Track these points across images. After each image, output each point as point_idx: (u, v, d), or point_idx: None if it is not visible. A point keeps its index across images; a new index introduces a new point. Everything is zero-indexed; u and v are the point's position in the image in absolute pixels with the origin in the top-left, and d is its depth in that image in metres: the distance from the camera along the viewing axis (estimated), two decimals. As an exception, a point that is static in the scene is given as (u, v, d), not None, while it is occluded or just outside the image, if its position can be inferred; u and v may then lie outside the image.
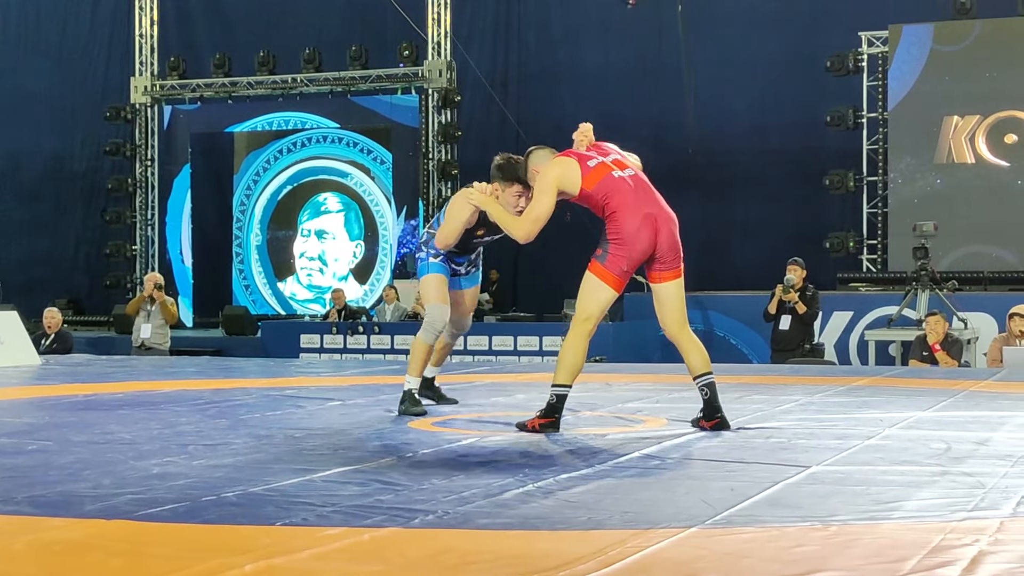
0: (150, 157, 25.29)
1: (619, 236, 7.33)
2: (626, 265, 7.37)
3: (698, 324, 18.29)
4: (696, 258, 21.76)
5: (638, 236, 7.36)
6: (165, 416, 8.17)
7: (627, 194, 7.46)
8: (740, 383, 10.55)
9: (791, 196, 21.86)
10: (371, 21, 24.08)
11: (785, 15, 22.07)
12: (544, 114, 23.50)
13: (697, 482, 5.55)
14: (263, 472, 5.75)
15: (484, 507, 4.96)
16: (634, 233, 7.35)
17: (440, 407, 8.51)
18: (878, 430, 7.26)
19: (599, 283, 7.38)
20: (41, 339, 15.78)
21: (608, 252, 7.34)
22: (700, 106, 21.43)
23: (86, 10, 26.53)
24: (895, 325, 16.26)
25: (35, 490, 5.25)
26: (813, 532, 4.51)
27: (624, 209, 7.39)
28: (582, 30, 23.44)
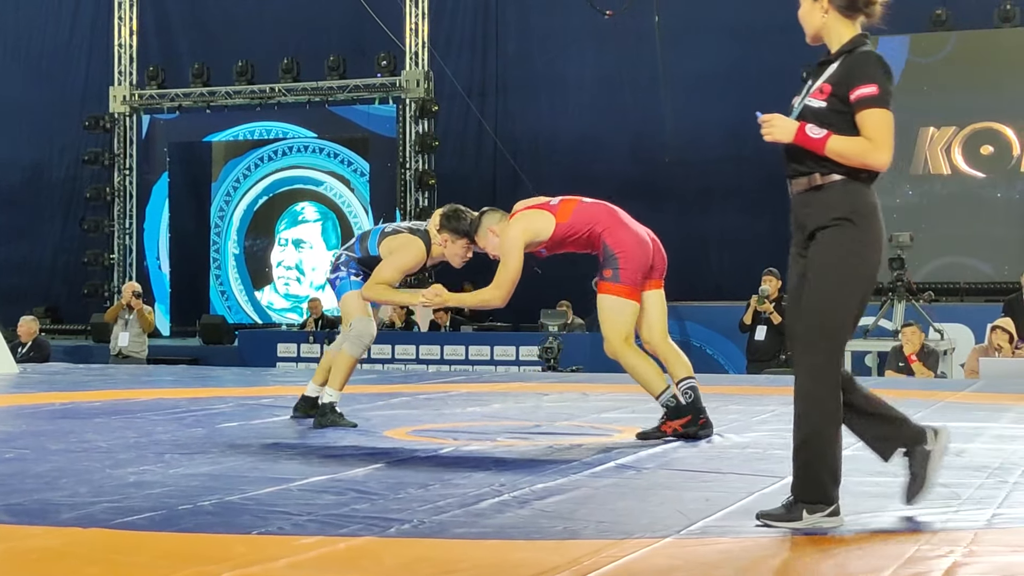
0: (128, 166, 25.25)
1: (623, 251, 7.38)
2: (639, 276, 7.42)
3: (675, 334, 18.18)
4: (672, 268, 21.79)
5: (640, 248, 7.45)
6: (142, 425, 8.17)
7: (609, 214, 7.54)
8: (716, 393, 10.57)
9: (767, 206, 21.87)
10: (349, 31, 24.09)
11: (761, 25, 22.11)
12: (521, 124, 23.56)
13: (672, 492, 5.57)
14: (240, 481, 5.76)
15: (460, 516, 4.98)
16: (636, 246, 7.43)
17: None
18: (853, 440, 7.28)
19: (622, 301, 7.40)
20: (18, 347, 15.74)
21: (619, 268, 7.36)
22: (677, 116, 21.47)
23: (66, 19, 26.48)
24: (871, 336, 16.29)
25: (12, 498, 5.25)
26: (788, 543, 4.54)
27: (615, 226, 7.46)
28: (560, 40, 23.47)
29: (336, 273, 8.17)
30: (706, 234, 22.14)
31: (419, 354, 17.86)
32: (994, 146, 20.09)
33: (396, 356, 17.93)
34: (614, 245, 7.39)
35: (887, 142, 4.73)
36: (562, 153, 23.11)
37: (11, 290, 24.28)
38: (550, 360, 15.76)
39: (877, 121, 4.73)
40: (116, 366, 15.70)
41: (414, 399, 10.22)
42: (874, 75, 4.77)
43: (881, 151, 4.73)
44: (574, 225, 7.45)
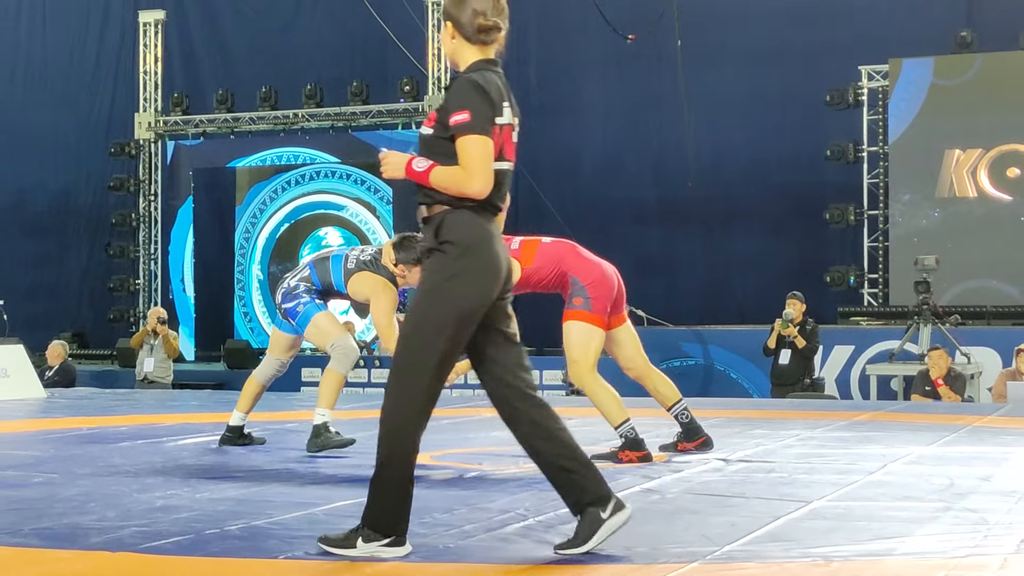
0: (153, 192, 25.34)
1: (591, 282, 7.54)
2: (608, 306, 7.56)
3: (698, 358, 18.31)
4: (696, 292, 22.02)
5: (607, 281, 7.59)
6: (168, 449, 8.20)
7: (572, 251, 7.69)
8: (740, 417, 10.57)
9: (791, 230, 21.87)
10: (372, 57, 24.16)
11: (785, 49, 22.13)
12: (544, 149, 23.54)
13: (698, 516, 5.57)
14: (266, 505, 5.78)
15: (485, 541, 4.98)
16: (603, 278, 7.58)
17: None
18: (880, 465, 7.27)
19: (591, 328, 7.51)
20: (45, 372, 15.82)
21: (589, 298, 7.50)
22: (700, 140, 21.47)
23: (91, 47, 26.63)
24: (897, 359, 16.25)
25: (41, 522, 5.28)
26: (814, 568, 4.53)
27: (580, 262, 7.61)
28: (582, 65, 23.50)
29: (296, 300, 8.04)
30: (729, 258, 22.10)
31: (443, 379, 17.84)
32: (1020, 168, 19.99)
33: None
34: (583, 278, 7.55)
35: (478, 169, 4.60)
36: (584, 178, 23.13)
37: (39, 315, 24.36)
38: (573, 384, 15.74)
39: (469, 148, 4.61)
40: (142, 391, 15.75)
41: (438, 423, 10.20)
42: (467, 101, 4.62)
43: (473, 179, 4.60)
44: (540, 269, 7.55)
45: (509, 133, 4.78)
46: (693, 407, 11.17)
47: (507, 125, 4.75)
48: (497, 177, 4.70)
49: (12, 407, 11.92)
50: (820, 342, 15.74)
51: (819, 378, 16.05)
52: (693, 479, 6.75)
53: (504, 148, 4.75)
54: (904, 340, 16.35)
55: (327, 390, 8.02)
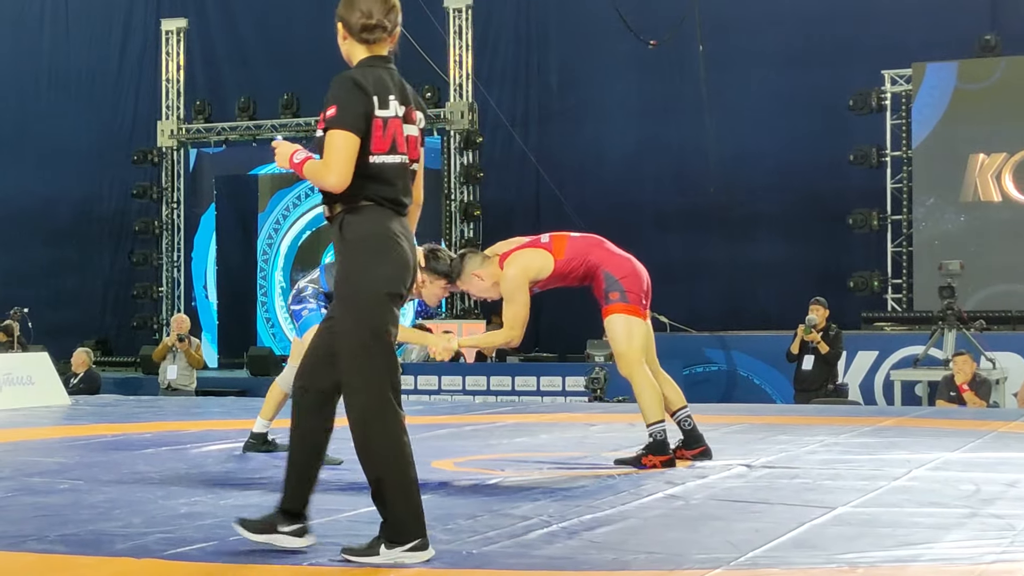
0: (176, 199, 25.40)
1: (624, 275, 7.52)
2: (644, 298, 7.55)
3: (721, 364, 18.28)
4: (718, 298, 21.99)
5: (638, 274, 7.57)
6: (192, 456, 8.22)
7: (600, 245, 7.65)
8: (764, 423, 10.54)
9: (814, 235, 21.81)
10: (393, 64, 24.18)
11: (807, 54, 22.08)
12: (566, 154, 23.55)
13: (722, 523, 5.55)
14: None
15: (509, 547, 4.97)
16: (634, 272, 7.56)
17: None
18: (905, 471, 7.25)
19: (631, 319, 7.50)
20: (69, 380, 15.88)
21: (624, 291, 7.47)
22: (722, 145, 21.44)
23: (114, 56, 26.71)
24: (921, 365, 16.19)
25: (66, 529, 5.29)
26: (839, 574, 4.51)
27: (610, 256, 7.60)
28: (603, 70, 23.49)
29: (303, 304, 8.03)
30: (752, 263, 22.05)
31: (465, 385, 17.86)
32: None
33: (442, 387, 17.95)
34: (615, 271, 7.52)
35: (334, 163, 4.68)
36: (607, 183, 23.10)
37: (62, 323, 24.42)
38: (597, 390, 15.73)
39: (329, 142, 4.73)
40: (166, 398, 15.80)
41: (461, 430, 10.22)
42: (336, 97, 4.76)
43: (329, 172, 4.70)
44: (571, 260, 7.54)
45: (399, 126, 4.81)
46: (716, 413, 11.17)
47: (394, 118, 4.80)
48: (388, 171, 4.77)
49: (37, 414, 11.97)
50: (844, 347, 15.71)
51: (843, 384, 16.01)
52: (717, 485, 6.73)
53: (396, 142, 4.80)
54: (928, 345, 16.29)
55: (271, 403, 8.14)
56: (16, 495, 6.41)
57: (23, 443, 9.35)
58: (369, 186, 4.73)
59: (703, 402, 15.72)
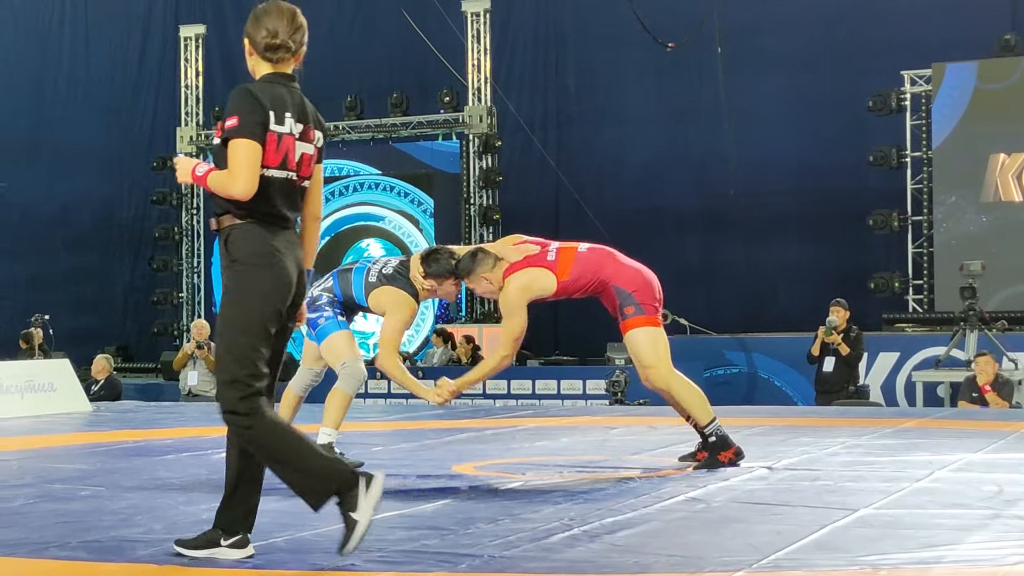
0: (195, 206, 25.47)
1: (636, 288, 7.53)
2: (657, 307, 7.57)
3: (742, 366, 18.24)
4: (739, 300, 21.95)
5: (649, 285, 7.58)
6: (214, 462, 8.22)
7: (610, 258, 7.65)
8: (785, 425, 10.52)
9: (834, 237, 21.77)
10: (412, 68, 24.21)
11: (826, 55, 22.04)
12: (585, 158, 23.55)
13: (743, 525, 5.54)
14: (311, 517, 5.76)
15: (530, 551, 4.97)
16: (645, 283, 7.56)
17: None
18: (927, 472, 7.22)
19: (652, 330, 7.53)
20: (91, 386, 15.91)
21: (638, 304, 7.50)
22: (742, 147, 21.40)
23: (133, 62, 26.79)
24: (943, 366, 16.13)
25: (89, 535, 5.30)
26: (854, 577, 4.50)
27: (621, 269, 7.61)
28: (621, 73, 23.48)
29: (319, 312, 7.99)
30: (772, 266, 22.01)
31: (486, 389, 17.84)
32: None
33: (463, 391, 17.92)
34: (626, 285, 7.53)
35: (240, 171, 4.76)
36: (626, 186, 23.09)
37: (83, 330, 24.50)
38: (617, 394, 15.71)
39: (233, 151, 4.79)
40: (187, 404, 15.83)
41: (481, 434, 10.22)
42: (236, 108, 4.84)
43: (236, 181, 4.76)
44: (579, 279, 7.55)
45: (291, 143, 4.90)
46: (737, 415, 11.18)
47: (288, 135, 4.89)
48: (273, 185, 4.85)
49: (59, 421, 12.00)
50: (865, 349, 15.66)
51: (864, 385, 15.95)
52: (738, 487, 6.72)
53: (287, 158, 4.89)
54: (950, 346, 16.23)
55: (333, 409, 7.94)
56: (38, 502, 6.43)
57: (45, 450, 9.38)
58: (255, 199, 4.82)
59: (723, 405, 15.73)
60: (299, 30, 5.03)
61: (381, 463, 7.99)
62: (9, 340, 19.63)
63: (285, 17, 5.00)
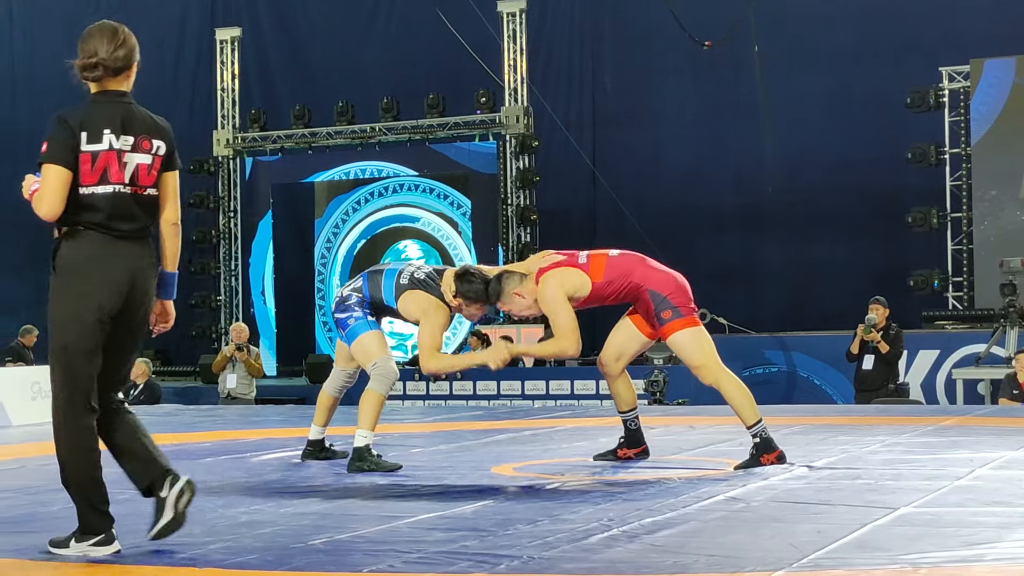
0: (233, 208, 25.56)
1: (671, 291, 7.49)
2: (692, 304, 7.55)
3: (780, 365, 18.19)
4: (778, 299, 21.88)
5: (684, 287, 7.57)
6: (252, 465, 8.25)
7: (642, 263, 7.63)
8: (824, 424, 10.47)
9: (873, 234, 21.69)
10: (448, 69, 24.24)
11: (864, 52, 21.96)
12: (622, 157, 23.54)
13: (783, 525, 5.51)
14: (349, 519, 5.79)
15: (569, 552, 4.95)
16: (679, 287, 7.54)
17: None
18: (968, 470, 7.17)
19: (693, 331, 7.51)
20: (130, 390, 15.98)
21: (675, 306, 7.48)
22: (779, 145, 21.35)
23: (169, 65, 26.91)
24: (983, 363, 16.04)
25: (127, 539, 5.31)
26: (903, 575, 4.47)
27: (653, 273, 7.59)
28: (658, 72, 23.45)
29: (348, 312, 7.94)
30: (811, 264, 21.95)
31: (524, 390, 17.86)
32: (1105, 168, 19.68)
33: (501, 392, 17.95)
34: (660, 288, 7.51)
35: (44, 194, 4.92)
36: (663, 185, 23.06)
37: (122, 333, 24.61)
38: (656, 393, 15.68)
39: (42, 176, 4.95)
40: (225, 407, 15.87)
41: (520, 435, 10.22)
42: (48, 133, 4.99)
43: (40, 204, 4.93)
44: (611, 283, 7.53)
45: (113, 158, 5.01)
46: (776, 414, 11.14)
47: (107, 151, 5.00)
48: (98, 201, 4.99)
49: (98, 424, 12.04)
50: (904, 347, 15.59)
51: (904, 383, 15.88)
52: (778, 487, 6.69)
53: (107, 173, 5.00)
54: (990, 343, 16.14)
55: (367, 411, 7.87)
56: (78, 505, 6.44)
57: (85, 453, 9.39)
58: (82, 214, 4.98)
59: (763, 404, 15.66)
60: (121, 47, 5.10)
61: (420, 465, 7.99)
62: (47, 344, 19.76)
63: (106, 36, 5.10)
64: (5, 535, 5.60)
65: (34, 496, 6.85)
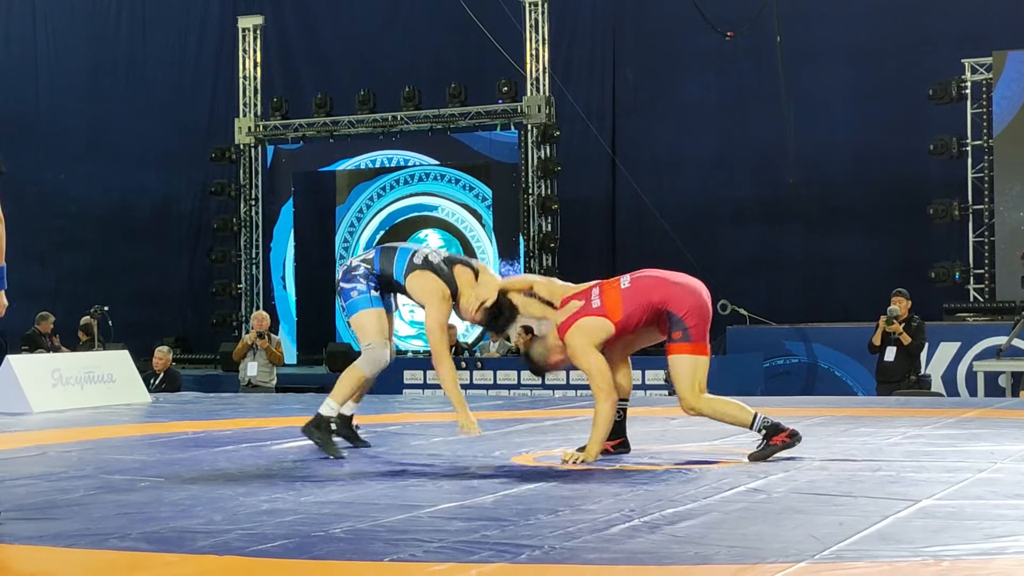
0: (254, 196, 25.57)
1: (687, 311, 7.43)
2: (706, 331, 7.50)
3: (801, 356, 18.16)
4: (799, 290, 21.85)
5: (701, 307, 7.49)
6: (273, 453, 8.26)
7: (660, 283, 7.54)
8: (846, 416, 10.45)
9: (894, 226, 21.63)
10: (470, 58, 24.22)
11: (886, 44, 21.89)
12: (644, 147, 23.51)
13: (805, 516, 5.50)
14: (370, 508, 5.80)
15: (590, 542, 4.95)
16: (697, 305, 7.47)
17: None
18: (990, 463, 7.15)
19: (694, 359, 7.45)
20: (150, 378, 16.02)
21: (687, 328, 7.41)
22: (801, 137, 21.30)
23: (191, 53, 26.95)
24: (1004, 356, 15.99)
25: (148, 526, 5.33)
26: (924, 568, 4.45)
27: (671, 292, 7.50)
28: (680, 63, 23.40)
29: (353, 283, 7.89)
30: (832, 255, 21.91)
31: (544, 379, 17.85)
32: None
33: (522, 382, 17.95)
34: (677, 309, 7.42)
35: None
36: (685, 176, 23.03)
37: (143, 321, 24.69)
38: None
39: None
40: (245, 395, 15.90)
41: (541, 425, 10.22)
42: None
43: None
44: (631, 316, 7.45)
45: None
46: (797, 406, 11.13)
47: None
48: None
49: (118, 412, 12.09)
50: (926, 339, 15.54)
51: (925, 375, 15.83)
52: (799, 478, 6.67)
53: None
54: (1012, 336, 16.08)
55: (344, 385, 7.86)
56: (98, 493, 6.47)
57: (104, 441, 9.44)
58: None
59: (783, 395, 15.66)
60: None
61: (441, 454, 8.00)
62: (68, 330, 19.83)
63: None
64: (26, 522, 5.61)
65: (54, 483, 6.87)
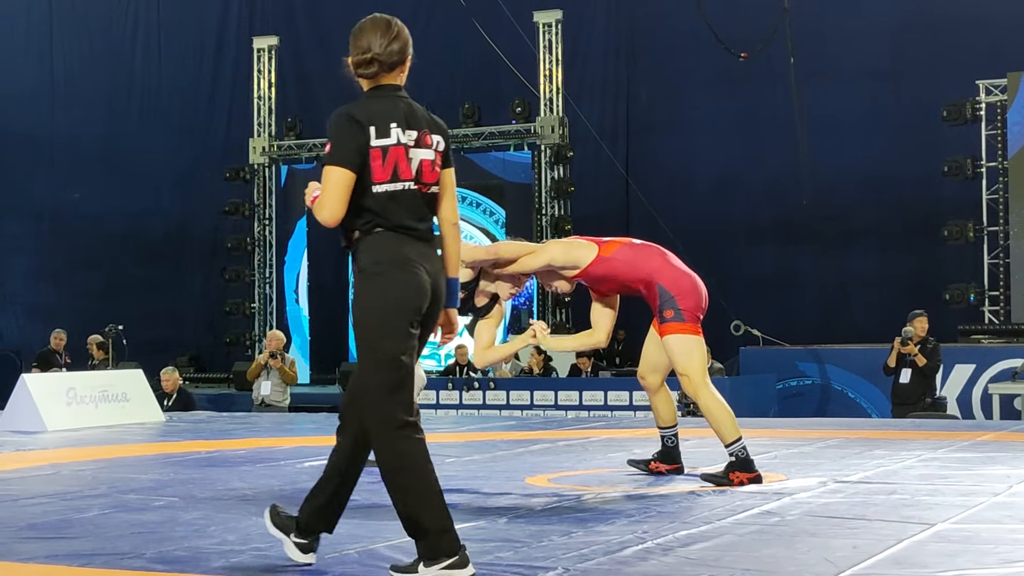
0: (268, 216, 25.64)
1: (680, 292, 7.40)
2: (699, 315, 7.46)
3: (815, 377, 18.12)
4: (813, 311, 21.79)
5: (695, 291, 7.45)
6: (286, 472, 8.26)
7: (662, 256, 7.54)
8: (860, 438, 10.42)
9: (909, 247, 21.60)
10: (483, 79, 24.26)
11: (900, 65, 21.88)
12: (657, 167, 23.50)
13: (818, 539, 5.48)
14: (383, 528, 5.79)
15: (604, 564, 4.94)
16: (691, 288, 7.43)
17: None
18: (1006, 486, 7.12)
19: (689, 338, 7.41)
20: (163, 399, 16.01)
21: (679, 308, 7.38)
22: (814, 157, 21.28)
23: (206, 74, 27.04)
24: (1020, 378, 15.94)
25: (163, 546, 5.33)
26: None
27: (667, 269, 7.48)
28: (693, 83, 23.42)
29: None
30: (845, 276, 21.88)
31: (558, 400, 17.84)
32: None
33: (535, 402, 17.93)
34: (670, 286, 7.41)
35: (325, 198, 4.76)
36: (698, 196, 23.02)
37: (157, 340, 24.71)
38: (689, 405, 15.63)
39: (324, 178, 4.79)
40: (259, 414, 15.90)
41: (554, 445, 10.20)
42: (331, 134, 4.83)
43: (322, 208, 4.79)
44: (623, 264, 7.44)
45: (401, 153, 4.81)
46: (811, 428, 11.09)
47: (396, 146, 4.80)
48: (393, 199, 4.78)
49: (132, 431, 12.10)
50: (941, 360, 15.50)
51: (940, 397, 15.79)
52: (813, 501, 6.65)
53: (398, 169, 4.80)
54: (1029, 357, 16.04)
55: None
56: (112, 512, 6.47)
57: (118, 460, 9.45)
58: (376, 214, 4.79)
59: (796, 416, 15.63)
60: (395, 40, 4.91)
61: (454, 475, 7.99)
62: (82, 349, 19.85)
63: (379, 30, 4.92)
64: (39, 541, 5.61)
65: (68, 502, 6.87)
